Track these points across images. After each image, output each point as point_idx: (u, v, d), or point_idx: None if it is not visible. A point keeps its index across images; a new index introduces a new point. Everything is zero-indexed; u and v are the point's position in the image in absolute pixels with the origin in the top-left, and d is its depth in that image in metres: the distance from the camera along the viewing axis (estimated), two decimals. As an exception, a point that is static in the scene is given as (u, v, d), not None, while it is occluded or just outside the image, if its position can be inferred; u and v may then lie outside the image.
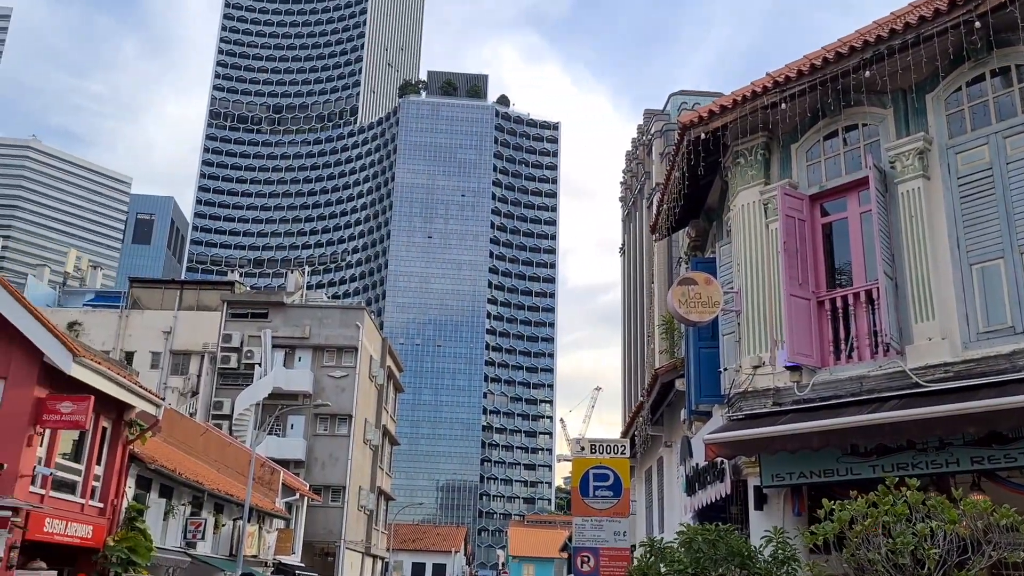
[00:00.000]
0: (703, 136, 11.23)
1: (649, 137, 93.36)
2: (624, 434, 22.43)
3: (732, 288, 11.17)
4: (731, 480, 10.88)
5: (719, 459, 10.88)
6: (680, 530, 9.07)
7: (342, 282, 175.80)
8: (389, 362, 54.48)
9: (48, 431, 17.10)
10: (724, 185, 12.55)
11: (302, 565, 37.81)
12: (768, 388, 10.25)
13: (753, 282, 10.79)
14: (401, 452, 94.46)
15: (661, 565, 8.86)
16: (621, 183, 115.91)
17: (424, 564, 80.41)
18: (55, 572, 16.78)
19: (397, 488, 74.37)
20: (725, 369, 11.36)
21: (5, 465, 15.73)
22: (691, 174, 11.87)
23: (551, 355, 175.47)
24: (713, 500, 11.78)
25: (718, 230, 13.76)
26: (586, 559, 12.28)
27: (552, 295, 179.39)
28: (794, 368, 9.96)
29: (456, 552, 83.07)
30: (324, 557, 44.26)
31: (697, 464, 12.83)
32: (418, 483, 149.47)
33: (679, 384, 13.93)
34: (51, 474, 17.24)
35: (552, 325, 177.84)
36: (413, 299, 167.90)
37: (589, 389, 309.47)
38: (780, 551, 8.38)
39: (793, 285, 10.13)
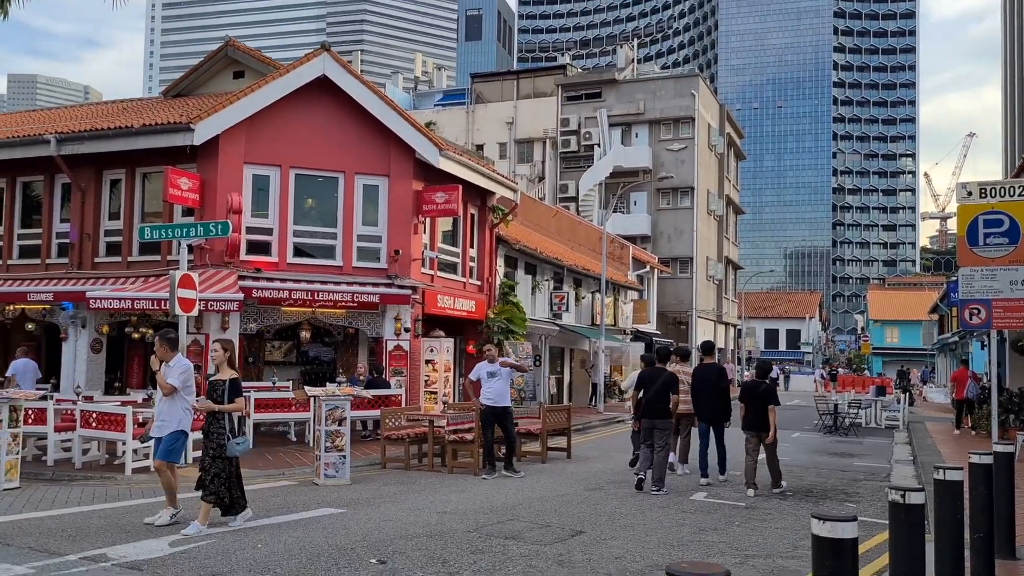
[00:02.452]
0: None
1: None
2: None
3: None
4: None
5: None
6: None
7: (670, 51, 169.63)
8: (728, 129, 52.55)
9: (428, 219, 19.14)
10: None
11: (658, 333, 39.83)
12: None
13: None
14: (746, 221, 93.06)
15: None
16: None
17: (777, 330, 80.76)
18: (451, 339, 19.33)
19: (744, 258, 74.07)
20: None
21: (400, 251, 18.01)
22: None
23: (912, 103, 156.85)
24: None
25: None
26: (976, 311, 11.29)
27: (912, 32, 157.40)
28: None
29: (810, 318, 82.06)
30: (677, 325, 46.19)
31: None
32: (765, 251, 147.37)
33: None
34: (436, 257, 19.47)
35: (912, 68, 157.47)
36: (748, 59, 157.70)
37: (958, 138, 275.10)
38: None
39: None
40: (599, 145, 43.25)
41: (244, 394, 8.85)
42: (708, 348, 13.05)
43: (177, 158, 16.77)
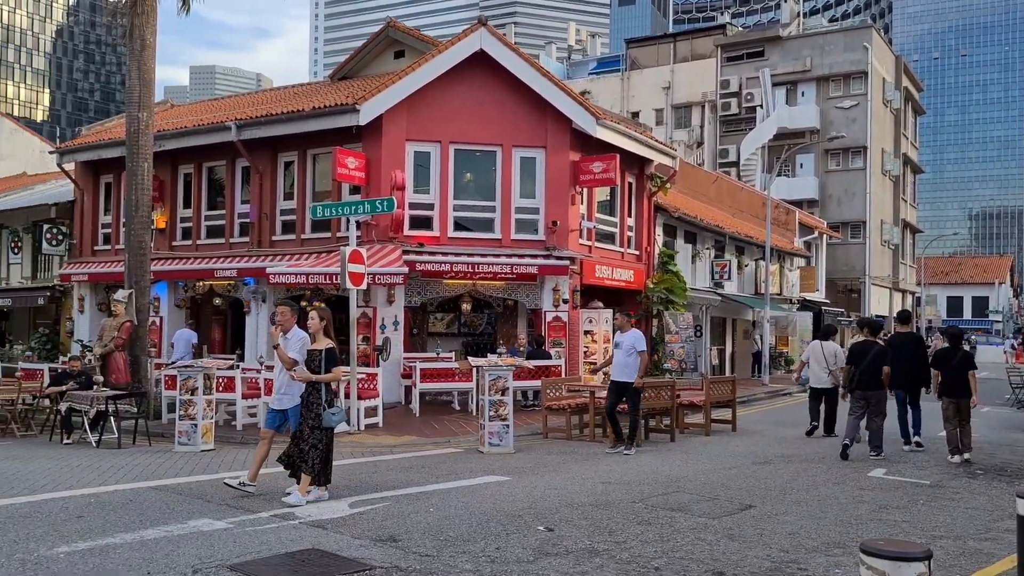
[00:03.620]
0: None
1: None
2: None
3: None
4: None
5: None
6: None
7: (839, 2, 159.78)
8: (905, 83, 48.94)
9: (585, 190, 19.02)
10: None
11: (826, 301, 37.96)
12: None
13: None
14: (925, 181, 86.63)
15: None
16: None
17: (961, 297, 75.09)
18: (609, 310, 19.19)
19: (923, 220, 69.07)
20: None
21: (558, 222, 18.03)
22: None
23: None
24: None
25: None
26: None
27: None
28: None
29: (1000, 284, 75.71)
30: (848, 294, 43.80)
31: None
32: (947, 213, 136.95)
33: None
34: (594, 227, 19.36)
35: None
36: (927, 6, 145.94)
37: None
38: None
39: None
40: (762, 106, 41.38)
41: (409, 364, 9.03)
42: (904, 317, 13.52)
43: (344, 138, 17.48)
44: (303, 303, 19.02)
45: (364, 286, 14.37)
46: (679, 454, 11.75)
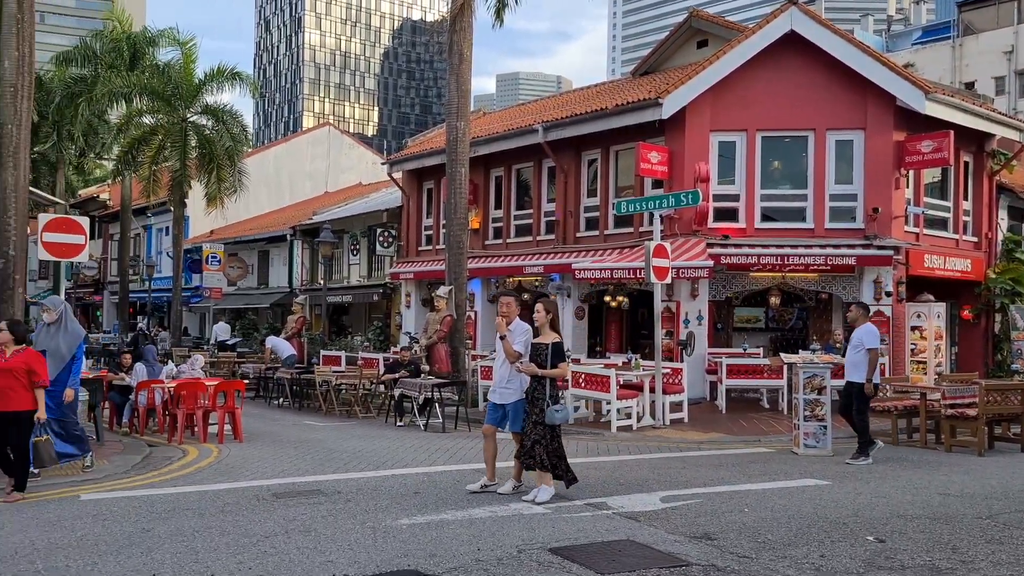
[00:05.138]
0: None
1: None
2: None
3: None
4: None
5: None
6: None
7: None
8: None
9: (911, 172, 17.31)
10: None
11: None
12: None
13: None
14: None
15: None
16: None
17: None
18: (942, 304, 17.30)
19: None
20: None
21: (879, 209, 16.58)
22: None
23: None
24: None
25: None
26: None
27: None
28: None
29: None
30: None
31: None
32: None
33: None
34: (922, 213, 17.55)
35: None
36: None
37: None
38: None
39: None
40: None
41: (714, 359, 8.74)
42: None
43: (646, 133, 17.48)
44: (606, 298, 19.37)
45: (668, 280, 14.25)
46: (1034, 468, 10.25)
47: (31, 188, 14.01)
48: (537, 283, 20.59)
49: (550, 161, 20.19)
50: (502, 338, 7.85)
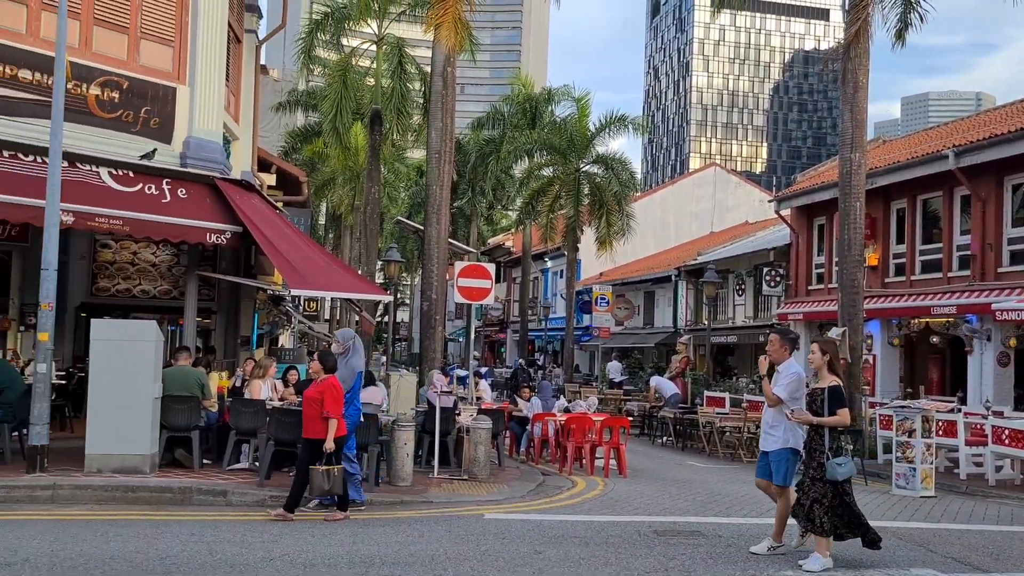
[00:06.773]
0: None
1: None
2: None
3: None
4: None
5: None
6: None
7: None
8: None
9: None
10: None
11: None
12: None
13: None
14: None
15: None
16: None
17: None
18: None
19: None
20: None
21: None
22: None
23: None
24: None
25: None
26: None
27: None
28: None
29: None
30: None
31: None
32: None
33: None
34: None
35: None
36: None
37: None
38: None
39: None
40: None
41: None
42: None
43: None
44: (934, 339, 16.62)
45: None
46: None
47: (449, 239, 16.02)
48: (948, 324, 18.41)
49: (963, 189, 18.05)
50: (760, 378, 7.49)
